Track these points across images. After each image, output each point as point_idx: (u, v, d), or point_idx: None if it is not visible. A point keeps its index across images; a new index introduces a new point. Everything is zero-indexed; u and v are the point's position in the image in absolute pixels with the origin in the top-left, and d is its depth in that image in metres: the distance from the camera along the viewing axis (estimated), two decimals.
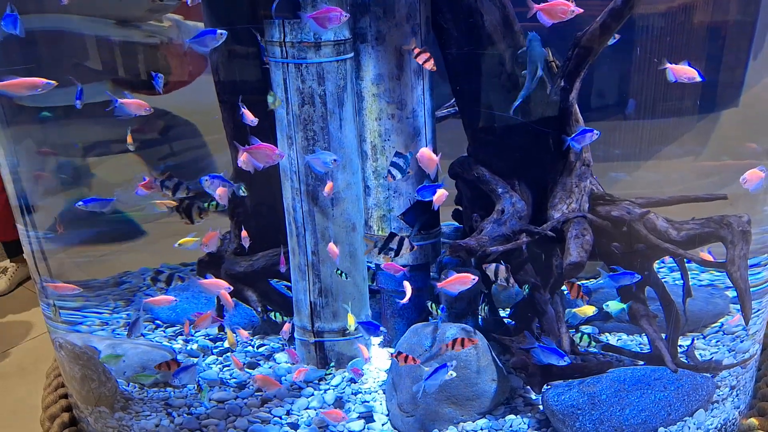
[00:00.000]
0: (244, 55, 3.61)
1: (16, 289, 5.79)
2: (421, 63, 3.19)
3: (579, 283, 4.07)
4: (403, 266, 3.73)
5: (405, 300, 3.38)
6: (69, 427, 3.67)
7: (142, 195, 3.34)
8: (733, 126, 2.94)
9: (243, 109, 3.12)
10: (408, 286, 3.39)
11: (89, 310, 4.21)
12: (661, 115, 3.47)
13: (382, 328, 3.40)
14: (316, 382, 3.62)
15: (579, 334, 3.53)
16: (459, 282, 3.07)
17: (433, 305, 3.52)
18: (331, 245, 3.41)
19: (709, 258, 3.28)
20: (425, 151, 3.21)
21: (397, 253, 3.34)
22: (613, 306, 3.28)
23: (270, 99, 3.21)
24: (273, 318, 3.85)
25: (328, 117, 3.31)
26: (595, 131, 3.10)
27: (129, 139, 3.41)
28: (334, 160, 3.19)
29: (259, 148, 3.03)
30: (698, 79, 2.77)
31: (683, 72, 2.78)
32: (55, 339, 3.75)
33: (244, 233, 3.55)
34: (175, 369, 3.24)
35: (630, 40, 3.10)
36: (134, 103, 3.08)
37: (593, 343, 3.54)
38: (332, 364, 3.68)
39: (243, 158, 3.06)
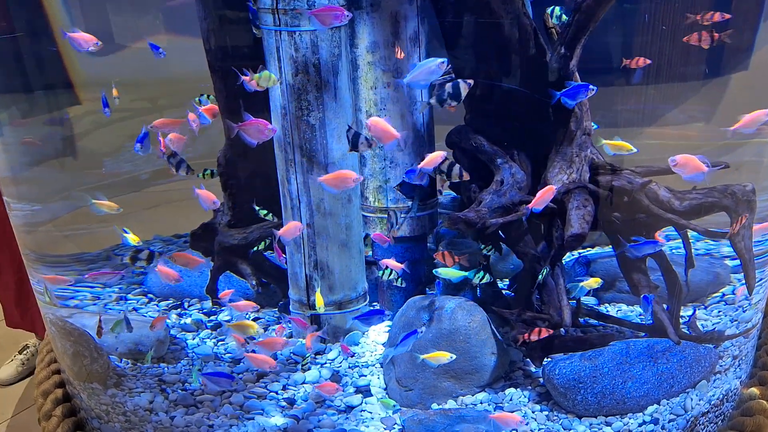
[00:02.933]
0: (236, 22, 3.53)
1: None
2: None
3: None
4: (401, 238, 3.69)
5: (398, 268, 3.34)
6: (62, 403, 3.62)
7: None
8: (743, 89, 2.86)
9: (246, 75, 3.05)
10: (392, 263, 3.33)
11: (81, 284, 4.15)
12: (665, 79, 3.39)
13: (387, 312, 3.33)
14: (312, 356, 3.58)
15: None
16: (543, 198, 3.00)
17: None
18: (291, 226, 3.29)
19: None
20: (378, 122, 2.94)
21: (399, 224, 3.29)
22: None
23: (260, 76, 3.08)
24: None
25: (322, 86, 3.23)
26: (590, 86, 2.93)
27: (115, 93, 3.30)
28: (442, 63, 2.83)
29: (251, 124, 2.95)
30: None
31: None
32: (46, 314, 3.70)
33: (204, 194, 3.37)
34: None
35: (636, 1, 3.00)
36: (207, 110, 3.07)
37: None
38: (308, 355, 3.56)
39: (171, 137, 3.03)
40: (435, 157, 3.10)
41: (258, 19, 3.18)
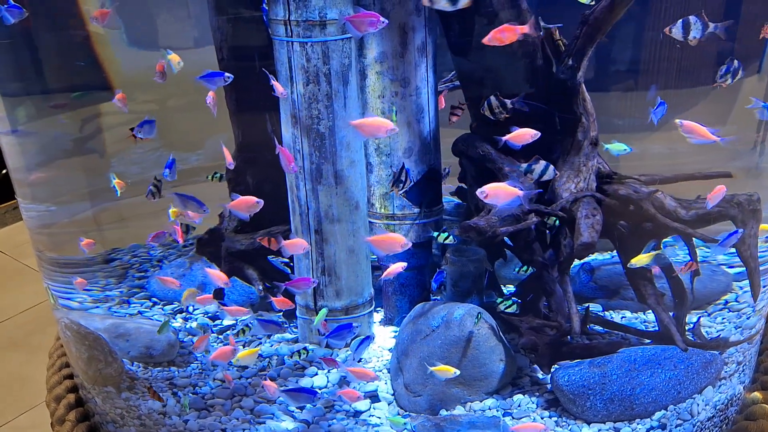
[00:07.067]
0: (250, 27, 3.55)
1: None
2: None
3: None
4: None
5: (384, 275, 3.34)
6: (75, 408, 3.64)
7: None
8: (755, 93, 2.88)
9: (272, 80, 3.11)
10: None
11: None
12: (673, 84, 3.41)
13: (355, 325, 3.32)
14: (318, 360, 3.61)
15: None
16: (718, 193, 3.00)
17: None
18: (297, 242, 3.28)
19: None
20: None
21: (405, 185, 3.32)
22: None
23: None
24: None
25: (332, 95, 3.26)
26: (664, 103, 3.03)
27: (176, 58, 3.32)
28: None
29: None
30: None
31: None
32: (59, 319, 3.71)
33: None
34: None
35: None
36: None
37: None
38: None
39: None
40: (524, 134, 3.09)
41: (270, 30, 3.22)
